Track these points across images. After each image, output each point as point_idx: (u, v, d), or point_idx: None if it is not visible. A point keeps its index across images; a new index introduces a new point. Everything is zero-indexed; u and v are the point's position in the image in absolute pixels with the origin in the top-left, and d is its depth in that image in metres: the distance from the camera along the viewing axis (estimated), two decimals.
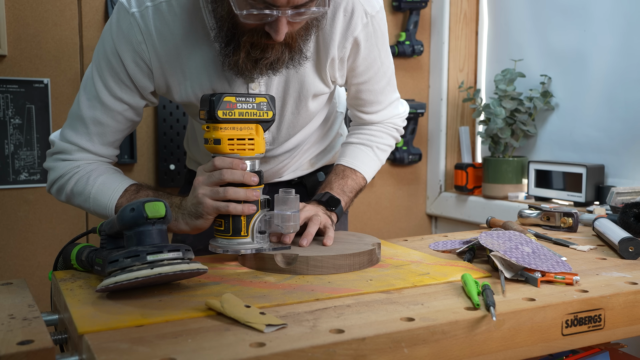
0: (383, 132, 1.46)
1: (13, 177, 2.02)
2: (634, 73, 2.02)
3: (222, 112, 1.06)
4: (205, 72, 1.22)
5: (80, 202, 1.25)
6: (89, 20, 2.08)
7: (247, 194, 1.06)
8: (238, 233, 1.08)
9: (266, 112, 1.10)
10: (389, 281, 1.00)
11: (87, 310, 0.85)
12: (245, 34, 1.08)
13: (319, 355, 0.72)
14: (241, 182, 1.06)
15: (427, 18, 2.74)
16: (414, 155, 2.71)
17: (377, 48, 1.32)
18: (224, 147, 1.07)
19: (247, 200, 1.07)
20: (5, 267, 2.02)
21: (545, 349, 0.89)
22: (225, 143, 1.07)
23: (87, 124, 1.23)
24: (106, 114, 1.23)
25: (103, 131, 1.24)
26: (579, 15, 2.21)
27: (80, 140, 1.24)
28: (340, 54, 1.27)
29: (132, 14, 1.17)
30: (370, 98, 1.39)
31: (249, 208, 1.07)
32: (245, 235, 1.08)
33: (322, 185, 1.37)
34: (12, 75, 1.99)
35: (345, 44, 1.26)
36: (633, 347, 1.79)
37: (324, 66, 1.27)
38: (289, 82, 1.27)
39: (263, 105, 1.10)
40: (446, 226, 2.79)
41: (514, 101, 2.35)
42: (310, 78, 1.27)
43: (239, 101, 1.07)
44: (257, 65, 1.12)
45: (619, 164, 2.08)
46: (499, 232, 1.18)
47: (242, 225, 1.08)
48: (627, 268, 1.11)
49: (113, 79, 1.21)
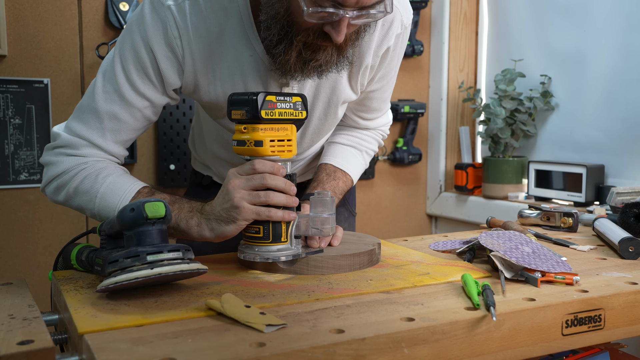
0: (372, 138, 1.47)
1: (13, 177, 2.02)
2: (634, 73, 2.02)
3: (265, 112, 1.01)
4: (239, 73, 1.18)
5: (82, 202, 1.14)
6: (89, 20, 2.08)
7: (288, 200, 1.03)
8: (278, 239, 1.04)
9: (301, 111, 1.06)
10: (389, 281, 1.00)
11: (87, 310, 0.85)
12: (300, 33, 1.04)
13: (319, 355, 0.72)
14: (282, 189, 1.03)
15: (427, 18, 2.74)
16: (414, 155, 2.71)
17: (396, 59, 1.32)
18: (266, 149, 1.02)
19: (287, 206, 1.03)
20: (5, 267, 2.02)
21: (545, 349, 0.89)
22: (268, 145, 1.02)
23: (101, 118, 1.15)
24: (125, 109, 1.15)
25: (118, 127, 1.16)
26: (579, 15, 2.21)
27: (91, 135, 1.15)
28: (373, 62, 1.26)
29: (167, 6, 1.12)
30: (375, 105, 1.40)
31: (289, 214, 1.03)
32: (285, 241, 1.05)
33: (314, 183, 1.34)
34: (12, 75, 1.99)
35: (378, 53, 1.25)
36: (633, 347, 1.78)
37: (356, 73, 1.25)
38: (320, 87, 1.24)
39: (298, 105, 1.06)
40: (446, 226, 2.79)
41: (514, 101, 2.35)
42: (342, 85, 1.26)
43: (278, 100, 1.03)
44: (306, 66, 1.08)
45: (619, 164, 2.08)
46: (499, 232, 1.18)
47: (282, 230, 1.05)
48: (627, 268, 1.11)
49: (138, 73, 1.14)
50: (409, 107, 2.63)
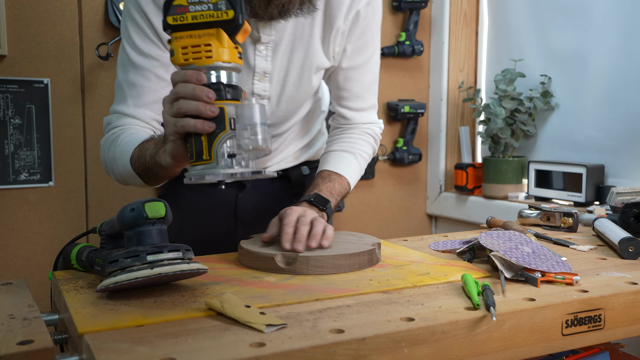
0: (362, 140, 1.45)
1: (13, 177, 2.02)
2: (634, 73, 2.02)
3: (172, 17, 0.93)
4: None
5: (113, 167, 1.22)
6: (89, 20, 2.08)
7: (199, 107, 0.93)
8: (200, 157, 0.94)
9: (225, 11, 0.93)
10: (389, 281, 1.00)
11: (87, 310, 0.85)
12: None
13: (319, 355, 0.72)
14: (192, 97, 0.93)
15: (427, 18, 2.74)
16: (414, 155, 2.71)
17: (371, 33, 1.35)
18: (178, 58, 0.94)
19: (199, 114, 0.93)
20: (5, 267, 2.02)
21: (545, 349, 0.89)
22: (179, 53, 0.94)
23: (123, 88, 1.25)
24: (137, 73, 1.23)
25: (137, 93, 1.23)
26: (579, 15, 2.21)
27: (119, 106, 1.25)
28: (344, 26, 1.30)
29: None
30: (356, 90, 1.40)
31: (202, 124, 0.93)
32: (207, 159, 0.94)
33: (309, 188, 1.34)
34: (12, 75, 1.99)
35: (348, 16, 1.30)
36: (633, 347, 1.79)
37: (328, 37, 1.29)
38: (294, 50, 1.28)
39: (221, 4, 0.92)
40: (446, 226, 2.79)
41: (514, 101, 2.35)
42: (315, 48, 1.29)
43: (191, 3, 0.93)
44: (269, 5, 1.13)
45: (619, 164, 2.08)
46: (499, 232, 1.18)
47: (204, 147, 0.94)
48: (627, 268, 1.11)
49: (139, 36, 1.22)
50: (409, 107, 2.63)
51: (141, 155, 1.13)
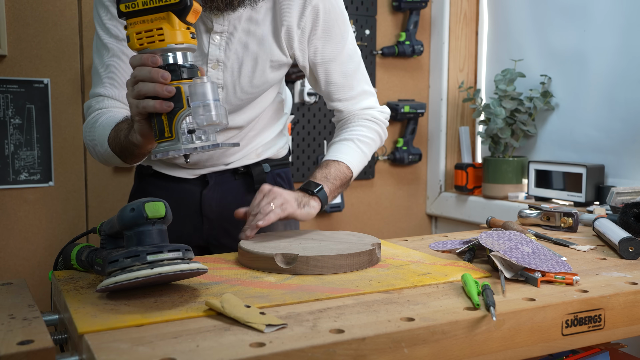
0: (361, 126, 1.44)
1: (13, 177, 2.02)
2: (634, 73, 2.02)
3: (124, 5, 0.98)
4: None
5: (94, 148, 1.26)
6: (89, 20, 2.08)
7: (156, 88, 0.98)
8: (162, 134, 1.00)
9: None
10: (389, 281, 1.00)
11: (87, 310, 0.85)
12: None
13: (319, 355, 0.72)
14: (150, 78, 0.99)
15: (427, 18, 2.74)
16: (414, 155, 2.71)
17: (337, 23, 1.37)
18: (133, 43, 1.00)
19: (156, 95, 0.99)
20: (5, 267, 2.02)
21: (545, 349, 0.89)
22: (134, 39, 0.99)
23: (99, 71, 1.29)
24: (111, 56, 1.28)
25: (112, 74, 1.28)
26: (579, 15, 2.21)
27: (97, 89, 1.29)
28: (301, 24, 1.33)
29: None
30: (340, 81, 1.41)
31: (162, 104, 0.98)
32: (169, 137, 0.99)
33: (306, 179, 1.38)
34: (12, 75, 1.99)
35: (304, 12, 1.32)
36: (633, 347, 1.79)
37: (279, 33, 1.32)
38: (249, 42, 1.31)
39: None
40: (446, 226, 2.79)
41: (514, 101, 2.36)
42: (268, 41, 1.33)
43: None
44: None
45: (619, 164, 2.08)
46: (499, 232, 1.18)
47: (165, 125, 0.99)
48: (627, 268, 1.11)
49: (109, 20, 1.27)
50: (409, 107, 2.63)
51: (117, 135, 1.18)
